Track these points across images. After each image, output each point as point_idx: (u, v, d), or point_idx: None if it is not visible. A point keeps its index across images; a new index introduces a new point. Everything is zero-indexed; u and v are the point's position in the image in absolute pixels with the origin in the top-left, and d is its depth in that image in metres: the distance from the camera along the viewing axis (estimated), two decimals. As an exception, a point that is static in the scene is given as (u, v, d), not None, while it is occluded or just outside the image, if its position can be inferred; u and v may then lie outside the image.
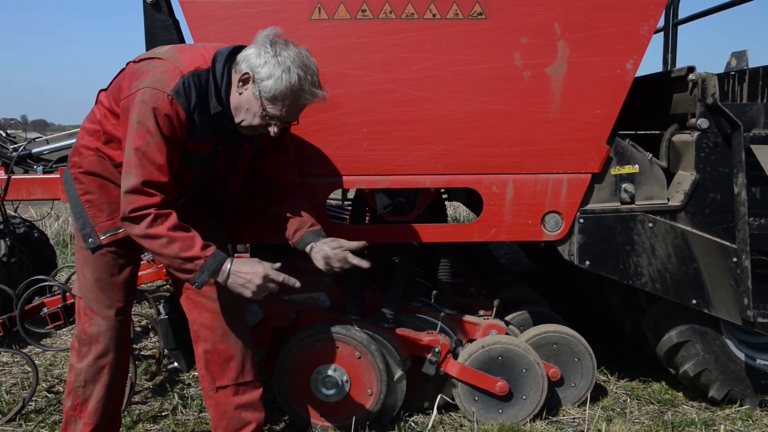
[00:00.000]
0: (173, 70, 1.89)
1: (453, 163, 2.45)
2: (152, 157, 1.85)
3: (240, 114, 1.95)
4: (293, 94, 1.90)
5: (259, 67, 1.87)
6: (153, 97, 1.85)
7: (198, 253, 1.89)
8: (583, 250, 2.53)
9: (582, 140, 2.44)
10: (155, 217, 1.86)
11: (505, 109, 2.41)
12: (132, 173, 1.86)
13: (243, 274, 1.93)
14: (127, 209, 1.86)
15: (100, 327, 2.10)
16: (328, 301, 2.66)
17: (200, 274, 1.90)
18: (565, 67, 2.38)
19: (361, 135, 2.42)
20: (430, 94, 2.39)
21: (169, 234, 1.87)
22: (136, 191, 1.85)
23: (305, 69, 1.90)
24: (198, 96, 1.90)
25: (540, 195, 2.49)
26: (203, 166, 2.05)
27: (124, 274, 2.13)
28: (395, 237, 2.56)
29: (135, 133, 1.85)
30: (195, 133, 1.95)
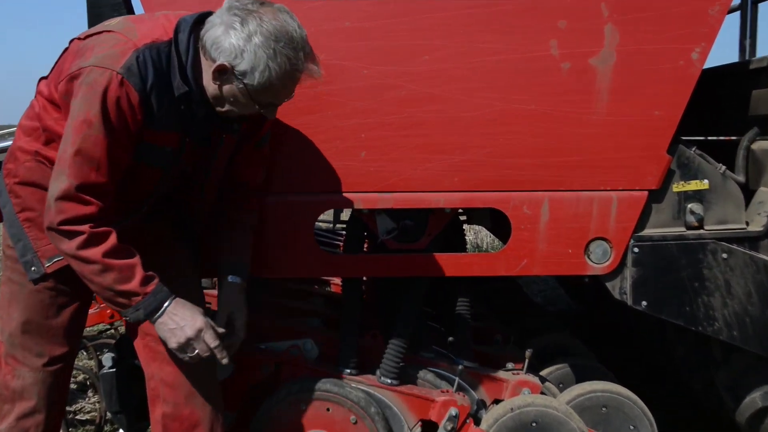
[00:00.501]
0: (125, 43, 1.89)
1: (473, 178, 2.45)
2: (90, 154, 1.84)
3: (225, 105, 1.97)
4: (285, 78, 1.92)
5: (237, 58, 1.87)
6: (98, 78, 1.84)
7: (136, 288, 1.89)
8: (638, 288, 2.51)
9: (636, 149, 2.44)
10: (90, 237, 1.85)
11: (538, 110, 2.41)
12: (63, 174, 1.85)
13: (177, 319, 1.95)
14: (55, 220, 1.85)
15: (25, 380, 2.09)
16: (315, 349, 2.65)
17: (134, 310, 1.92)
18: (613, 57, 2.38)
19: (358, 142, 2.42)
20: (443, 91, 2.39)
21: (104, 261, 1.86)
22: (67, 197, 1.84)
23: (293, 44, 1.89)
24: (156, 74, 1.89)
25: (583, 217, 2.48)
26: (166, 163, 2.04)
27: (64, 316, 2.12)
28: (401, 269, 2.55)
29: (73, 124, 1.86)
30: (153, 121, 1.93)
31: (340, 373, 2.56)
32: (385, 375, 2.57)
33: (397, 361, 2.57)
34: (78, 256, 1.87)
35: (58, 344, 2.12)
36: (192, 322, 1.96)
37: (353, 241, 2.68)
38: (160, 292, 1.93)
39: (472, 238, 7.46)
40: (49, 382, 2.11)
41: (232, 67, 1.88)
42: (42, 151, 2.04)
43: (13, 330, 2.11)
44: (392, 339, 2.59)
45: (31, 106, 2.10)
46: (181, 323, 1.95)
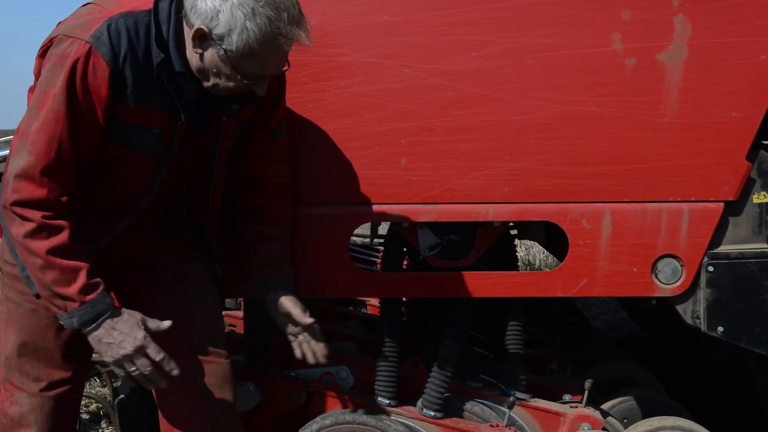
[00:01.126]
0: (99, 12, 1.91)
1: (525, 188, 2.44)
2: (52, 130, 1.86)
3: (209, 78, 1.96)
4: (268, 44, 1.89)
5: (213, 20, 1.86)
6: (66, 48, 1.87)
7: (73, 295, 1.90)
8: (713, 312, 2.47)
9: (710, 154, 2.41)
10: (39, 227, 1.87)
11: (598, 112, 2.40)
12: (25, 149, 1.87)
13: (115, 334, 1.94)
14: (9, 199, 1.88)
15: (22, 407, 2.11)
16: (351, 378, 2.66)
17: (68, 317, 1.92)
18: (685, 52, 2.36)
19: (397, 148, 2.43)
20: (493, 91, 2.39)
21: (47, 258, 1.87)
22: (24, 175, 1.86)
23: (275, 4, 1.87)
24: (131, 44, 1.90)
25: (650, 232, 2.46)
26: (155, 148, 2.03)
27: (63, 338, 2.14)
28: (445, 290, 2.55)
29: (38, 97, 1.88)
30: (130, 98, 1.93)
31: (378, 405, 2.55)
32: (428, 407, 2.55)
33: (441, 391, 2.56)
34: (24, 245, 1.90)
35: (57, 368, 2.14)
36: (131, 336, 1.94)
37: (392, 257, 2.67)
38: (100, 303, 1.93)
39: (523, 255, 7.41)
40: (49, 409, 2.13)
41: (209, 30, 1.87)
42: None
43: (9, 353, 2.14)
44: (435, 367, 2.58)
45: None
46: (119, 338, 1.94)
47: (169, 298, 2.20)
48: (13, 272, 2.13)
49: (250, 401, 2.53)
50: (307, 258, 2.46)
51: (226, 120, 2.11)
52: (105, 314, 1.94)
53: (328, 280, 2.50)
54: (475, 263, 2.58)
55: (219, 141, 2.13)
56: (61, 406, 2.15)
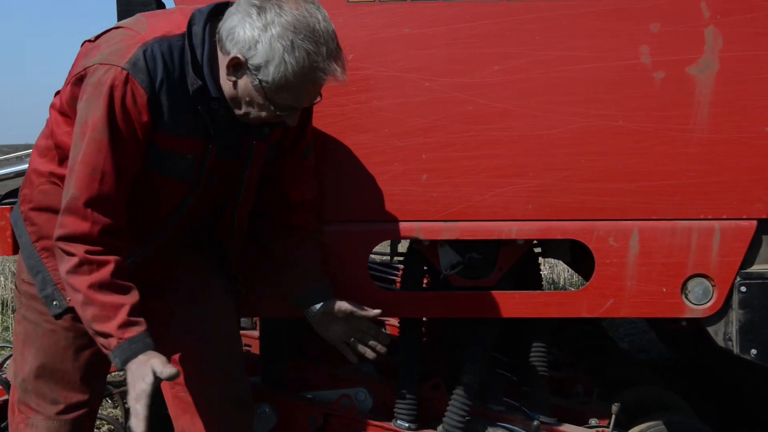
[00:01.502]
0: (132, 37, 1.92)
1: (550, 205, 2.43)
2: (94, 162, 1.87)
3: (241, 107, 1.97)
4: (305, 77, 1.90)
5: (251, 49, 1.86)
6: (103, 75, 1.87)
7: (113, 331, 1.86)
8: (746, 333, 2.45)
9: (742, 171, 2.40)
10: (81, 263, 1.87)
11: (626, 127, 2.39)
12: (70, 184, 1.89)
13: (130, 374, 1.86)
14: (56, 234, 1.90)
15: (38, 429, 2.12)
16: (369, 400, 2.66)
17: (113, 356, 1.88)
18: (716, 65, 2.35)
19: (418, 164, 2.42)
20: (517, 105, 2.39)
21: (88, 293, 1.86)
22: (67, 210, 1.88)
23: (315, 37, 1.87)
24: (167, 70, 1.90)
25: (680, 251, 2.44)
26: (189, 174, 2.04)
27: (82, 360, 2.14)
28: (466, 310, 2.54)
29: (79, 129, 1.89)
30: (166, 124, 1.94)
31: (397, 428, 2.54)
32: (449, 430, 2.54)
33: (463, 414, 2.55)
34: (67, 281, 1.90)
35: (75, 390, 2.15)
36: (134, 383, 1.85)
37: (412, 276, 2.67)
38: (139, 342, 1.87)
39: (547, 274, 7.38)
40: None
41: (245, 60, 1.88)
42: (57, 171, 2.07)
43: (26, 374, 2.14)
44: (457, 389, 2.57)
45: (46, 124, 2.15)
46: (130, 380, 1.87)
47: (187, 317, 2.21)
48: (31, 292, 2.14)
49: (266, 423, 2.53)
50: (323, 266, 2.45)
51: (257, 143, 2.11)
52: (144, 353, 1.87)
53: (347, 299, 2.48)
54: (497, 282, 2.57)
55: (248, 164, 2.13)
56: (77, 429, 2.15)
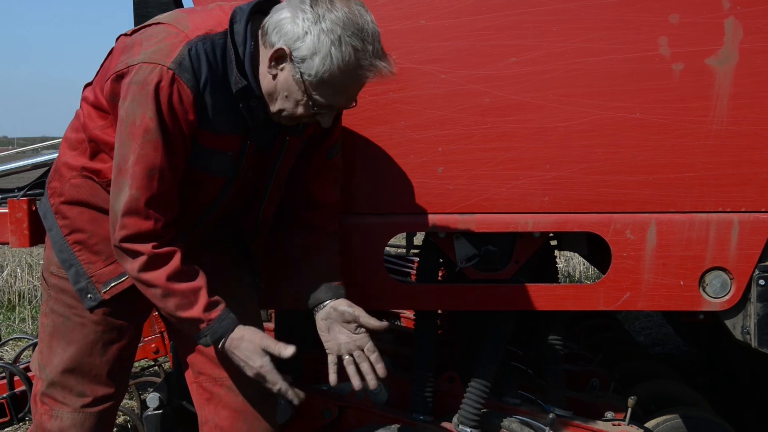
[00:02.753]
0: (176, 35, 1.92)
1: (567, 197, 2.43)
2: (152, 162, 1.89)
3: (277, 102, 1.97)
4: (348, 74, 1.90)
5: (298, 41, 1.87)
6: (149, 75, 1.88)
7: (200, 315, 1.97)
8: (765, 326, 2.44)
9: (761, 163, 2.39)
10: (151, 259, 1.92)
11: (644, 119, 2.39)
12: (125, 186, 1.90)
13: (236, 357, 2.03)
14: (119, 236, 1.93)
15: (63, 422, 2.14)
16: (385, 393, 2.66)
17: (202, 336, 2.00)
18: (735, 57, 2.35)
19: (434, 156, 2.43)
20: (534, 98, 2.39)
21: (167, 285, 1.94)
22: (129, 211, 1.91)
23: (362, 35, 1.88)
24: (210, 68, 1.92)
25: (697, 244, 2.44)
26: (227, 171, 2.07)
27: (110, 354, 2.16)
28: (482, 302, 2.54)
29: (127, 130, 1.90)
30: (209, 122, 1.96)
31: (413, 421, 2.55)
32: (464, 423, 2.55)
33: (478, 407, 2.55)
34: (140, 279, 1.96)
35: (102, 384, 2.17)
36: (248, 364, 2.02)
37: (428, 269, 2.67)
38: (226, 319, 2.00)
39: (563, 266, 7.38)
40: (90, 425, 2.15)
41: (290, 51, 1.88)
42: (89, 165, 2.09)
43: (53, 366, 2.16)
44: (472, 382, 2.57)
45: (76, 116, 2.15)
46: (240, 363, 2.03)
47: None
48: (61, 285, 2.16)
49: (281, 416, 2.53)
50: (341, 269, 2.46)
51: (290, 139, 2.13)
52: (231, 330, 2.02)
53: (362, 292, 2.49)
54: (513, 275, 2.57)
55: (281, 158, 2.15)
56: (101, 421, 2.18)
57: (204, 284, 1.98)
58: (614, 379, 3.12)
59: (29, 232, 2.63)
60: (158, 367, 4.06)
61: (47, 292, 2.21)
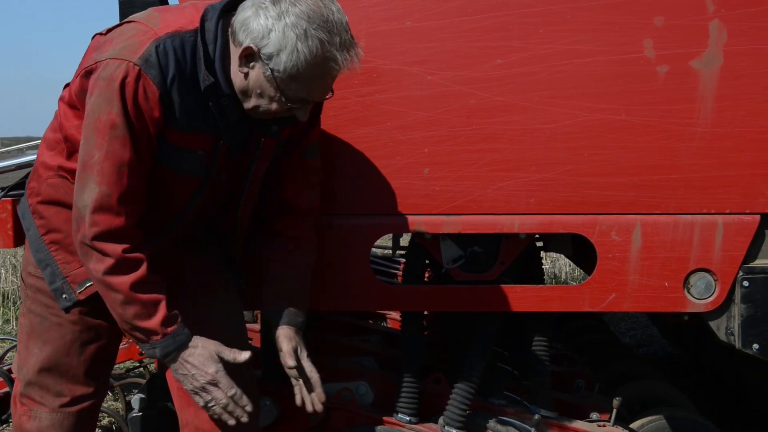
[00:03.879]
0: (145, 32, 1.92)
1: (552, 199, 2.44)
2: (120, 158, 1.89)
3: (251, 99, 1.97)
4: (318, 67, 1.90)
5: (264, 38, 1.87)
6: (115, 71, 1.87)
7: (157, 327, 1.95)
8: (749, 328, 2.45)
9: (746, 165, 2.40)
10: (119, 263, 1.90)
11: (629, 121, 2.39)
12: (92, 182, 1.89)
13: (188, 366, 2.00)
14: (90, 233, 1.90)
15: (41, 422, 2.12)
16: (370, 394, 2.66)
17: (151, 347, 1.98)
18: (720, 59, 2.36)
19: (420, 157, 2.43)
20: (519, 99, 2.39)
21: (130, 293, 1.92)
22: (102, 209, 1.89)
23: (328, 27, 1.88)
24: (178, 65, 1.91)
25: (682, 245, 2.45)
26: (199, 171, 2.06)
27: (88, 353, 2.15)
28: (468, 303, 2.54)
29: (92, 125, 1.90)
30: (177, 120, 1.95)
31: (399, 422, 2.55)
32: (450, 424, 2.55)
33: (464, 408, 2.55)
34: (103, 282, 1.93)
35: (80, 384, 2.16)
36: (202, 371, 1.99)
37: (414, 270, 2.67)
38: (180, 334, 1.98)
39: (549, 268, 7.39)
40: (68, 425, 2.14)
41: (258, 49, 1.88)
42: (65, 165, 2.08)
43: (31, 367, 2.15)
44: (458, 383, 2.57)
45: (55, 116, 2.15)
46: (192, 371, 1.99)
47: (194, 310, 2.21)
48: (38, 285, 2.15)
49: (266, 417, 2.53)
50: (327, 270, 2.46)
51: (265, 140, 2.12)
52: (185, 345, 2.00)
53: (348, 293, 2.50)
54: (499, 276, 2.58)
55: (255, 161, 2.14)
56: (81, 422, 2.16)
57: (164, 298, 1.96)
58: (600, 380, 3.12)
59: (13, 233, 2.60)
60: (143, 369, 4.04)
61: (25, 292, 2.21)
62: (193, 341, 2.00)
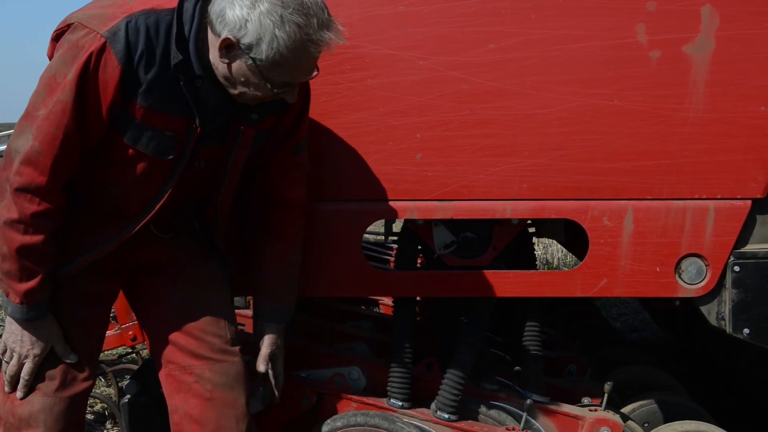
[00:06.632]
0: (120, 6, 1.92)
1: (545, 184, 2.44)
2: (57, 120, 1.90)
3: (237, 87, 1.97)
4: (298, 51, 1.90)
5: (241, 29, 1.87)
6: (81, 39, 1.89)
7: (19, 292, 2.00)
8: (739, 313, 2.47)
9: (738, 150, 2.40)
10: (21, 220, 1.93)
11: (621, 106, 2.39)
12: (29, 133, 1.91)
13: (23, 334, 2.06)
14: (14, 183, 1.92)
15: (33, 406, 2.12)
16: (363, 379, 2.66)
17: (6, 302, 2.03)
18: (712, 44, 2.36)
19: (412, 143, 2.43)
20: (512, 84, 2.39)
21: (13, 253, 1.95)
22: (27, 161, 1.91)
23: (304, 10, 1.87)
24: (148, 43, 1.91)
25: (674, 231, 2.45)
26: (170, 153, 2.04)
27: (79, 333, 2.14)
28: (460, 289, 2.55)
29: (47, 81, 1.91)
30: (144, 97, 1.95)
31: (391, 407, 2.55)
32: (442, 409, 2.56)
33: (456, 393, 2.56)
34: (1, 229, 1.95)
35: (72, 368, 2.15)
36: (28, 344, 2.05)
37: (406, 256, 2.67)
38: (32, 311, 2.02)
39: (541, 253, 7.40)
40: (60, 410, 2.13)
41: (237, 40, 1.88)
42: None
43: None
44: (450, 368, 2.58)
45: None
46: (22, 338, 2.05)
47: (181, 297, 2.23)
48: None
49: (258, 404, 2.53)
50: (319, 256, 2.47)
51: (244, 129, 2.12)
52: (31, 321, 2.04)
53: (341, 279, 2.50)
54: (491, 262, 2.58)
55: (234, 149, 2.14)
56: (72, 407, 2.16)
57: (44, 272, 2.00)
58: (591, 365, 3.13)
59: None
60: (136, 355, 4.04)
61: None
62: (44, 321, 2.04)
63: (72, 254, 2.09)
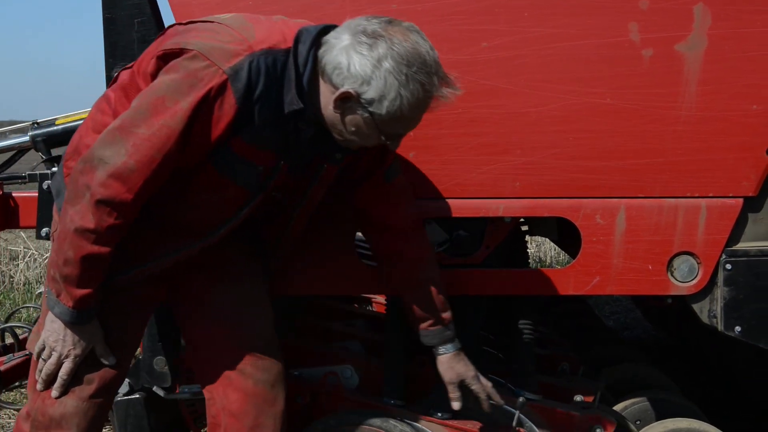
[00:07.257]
0: (241, 42, 1.89)
1: (537, 182, 2.44)
2: (158, 145, 1.86)
3: (344, 134, 1.98)
4: (419, 107, 1.94)
5: (364, 84, 1.87)
6: (203, 71, 1.85)
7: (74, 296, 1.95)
8: (731, 311, 2.47)
9: (729, 149, 2.41)
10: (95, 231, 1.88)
11: (614, 105, 2.40)
12: (124, 147, 1.86)
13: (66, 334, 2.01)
14: (98, 194, 1.86)
15: (66, 408, 2.09)
16: (356, 377, 2.67)
17: (54, 302, 1.98)
18: (704, 43, 2.36)
19: (406, 141, 2.38)
20: (505, 83, 2.39)
21: (78, 260, 1.90)
22: (120, 177, 1.86)
23: (426, 69, 1.89)
24: (266, 84, 1.89)
25: (666, 229, 2.46)
26: (253, 185, 2.05)
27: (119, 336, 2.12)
28: (453, 287, 2.53)
29: (155, 102, 1.87)
30: (249, 134, 1.94)
31: (384, 405, 2.55)
32: (436, 407, 2.55)
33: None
34: (69, 231, 1.90)
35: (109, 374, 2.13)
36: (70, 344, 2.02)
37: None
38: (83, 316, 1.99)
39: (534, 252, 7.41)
40: (92, 416, 2.11)
41: (357, 95, 1.88)
42: None
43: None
44: (444, 367, 2.57)
45: (107, 99, 2.11)
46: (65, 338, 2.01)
47: (224, 297, 2.23)
48: None
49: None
50: (312, 254, 2.47)
51: (327, 167, 2.13)
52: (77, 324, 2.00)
53: (334, 277, 2.50)
54: (484, 260, 2.58)
55: (314, 185, 2.16)
56: (103, 413, 2.15)
57: (99, 283, 1.97)
58: (584, 363, 3.14)
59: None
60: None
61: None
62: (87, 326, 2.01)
63: (129, 264, 2.07)
